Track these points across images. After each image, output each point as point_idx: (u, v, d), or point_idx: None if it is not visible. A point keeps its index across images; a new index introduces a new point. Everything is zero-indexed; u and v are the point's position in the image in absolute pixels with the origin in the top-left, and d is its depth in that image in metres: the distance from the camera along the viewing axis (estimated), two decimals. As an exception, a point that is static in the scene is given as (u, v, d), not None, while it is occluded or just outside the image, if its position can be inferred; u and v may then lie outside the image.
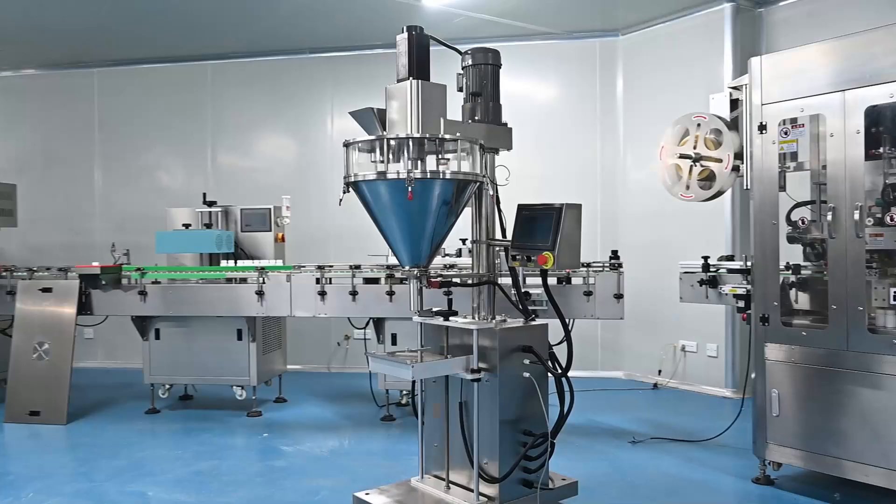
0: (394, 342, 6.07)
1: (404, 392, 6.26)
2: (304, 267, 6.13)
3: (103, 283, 6.30)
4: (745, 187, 4.69)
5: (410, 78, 3.68)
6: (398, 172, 3.53)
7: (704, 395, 7.12)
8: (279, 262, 6.39)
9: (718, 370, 7.07)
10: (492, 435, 3.73)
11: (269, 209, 6.96)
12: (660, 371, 7.45)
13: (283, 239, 7.04)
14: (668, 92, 7.44)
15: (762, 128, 4.41)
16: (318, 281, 5.99)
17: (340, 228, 8.43)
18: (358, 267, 5.99)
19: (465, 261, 6.07)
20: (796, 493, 4.36)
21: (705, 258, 5.18)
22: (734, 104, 5.06)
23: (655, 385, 7.44)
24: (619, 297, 5.64)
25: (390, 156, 3.62)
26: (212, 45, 8.53)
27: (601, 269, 5.69)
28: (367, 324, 6.35)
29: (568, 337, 3.88)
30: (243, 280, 6.20)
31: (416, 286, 3.84)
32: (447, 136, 3.60)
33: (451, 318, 3.87)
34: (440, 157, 3.68)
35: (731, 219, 6.97)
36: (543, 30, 7.80)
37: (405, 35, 3.75)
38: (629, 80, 7.95)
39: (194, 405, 6.84)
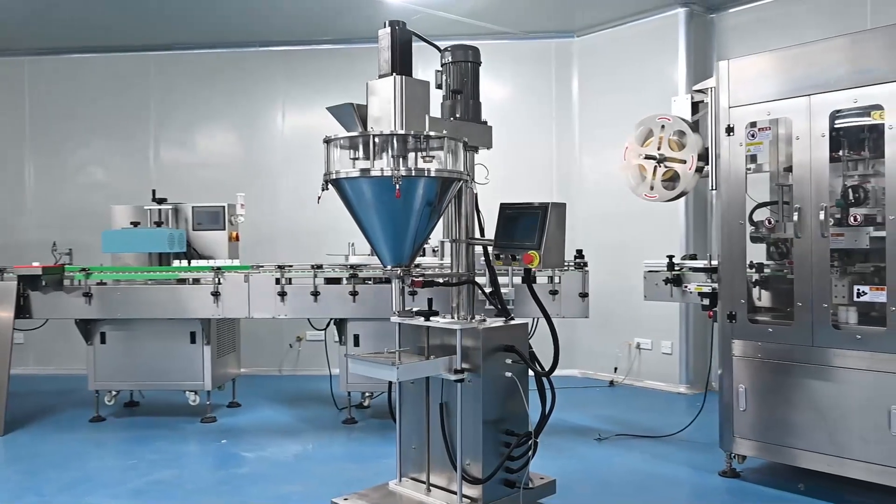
0: (356, 343, 5.95)
1: (366, 394, 6.15)
2: (262, 267, 5.94)
3: (44, 284, 5.95)
4: (710, 188, 4.79)
5: (394, 73, 3.60)
6: (382, 170, 3.45)
7: (659, 391, 7.26)
8: (234, 262, 6.17)
9: (673, 367, 7.23)
10: (475, 436, 3.69)
11: (223, 207, 6.72)
12: (616, 369, 7.57)
13: (237, 238, 6.81)
14: (622, 93, 7.57)
15: (729, 130, 4.52)
16: (277, 281, 5.82)
17: (291, 227, 8.25)
18: (320, 267, 5.84)
19: (429, 260, 6.01)
20: (762, 484, 4.49)
21: (670, 257, 5.27)
22: (695, 107, 5.18)
23: (612, 382, 7.55)
24: (584, 295, 5.68)
25: (373, 153, 3.53)
26: (156, 34, 8.18)
27: (566, 268, 5.72)
28: (328, 325, 6.21)
29: (554, 336, 3.88)
30: (196, 281, 5.97)
31: (399, 286, 3.76)
32: (433, 134, 3.54)
33: (431, 318, 3.81)
34: (426, 154, 3.61)
35: (686, 219, 7.14)
36: (501, 29, 7.81)
37: (388, 30, 3.68)
38: (584, 81, 8.05)
39: (141, 412, 6.55)
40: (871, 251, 4.26)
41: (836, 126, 4.28)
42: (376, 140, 3.51)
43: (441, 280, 3.89)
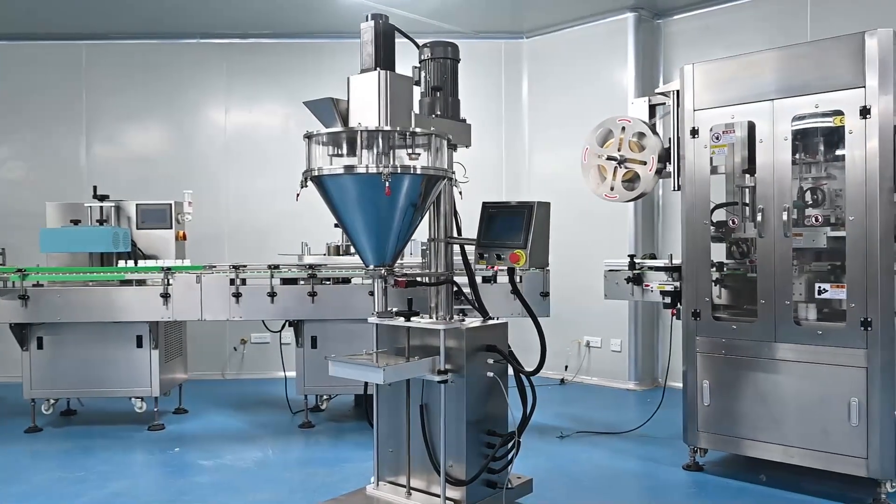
0: (313, 345, 5.80)
1: (324, 397, 6.00)
2: (216, 267, 5.72)
3: (-26, 286, 5.56)
4: (673, 189, 4.91)
5: (378, 68, 3.51)
6: (368, 167, 3.36)
7: (609, 388, 7.40)
8: (183, 262, 5.91)
9: (622, 364, 7.39)
10: (458, 437, 3.65)
11: (170, 205, 6.44)
12: (566, 367, 7.67)
13: (184, 237, 6.54)
14: (572, 95, 7.68)
15: (694, 132, 4.63)
16: (232, 282, 5.61)
17: (236, 226, 8.00)
18: (277, 267, 5.67)
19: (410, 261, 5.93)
20: (725, 476, 4.62)
21: (631, 256, 5.36)
22: (652, 109, 5.31)
23: (562, 380, 7.65)
24: (545, 294, 5.73)
25: (355, 150, 3.44)
26: (88, 22, 7.75)
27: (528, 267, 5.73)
28: (283, 327, 6.04)
29: (541, 335, 3.90)
30: (141, 282, 5.69)
31: (382, 286, 3.68)
32: (419, 131, 3.48)
33: (412, 319, 3.75)
34: (411, 152, 3.54)
35: (635, 220, 7.30)
36: (451, 28, 7.78)
37: (371, 24, 3.60)
38: (534, 82, 8.12)
39: (80, 421, 6.19)
40: (826, 250, 4.45)
41: (796, 130, 4.43)
42: (363, 136, 3.42)
43: (425, 279, 3.82)
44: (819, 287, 4.24)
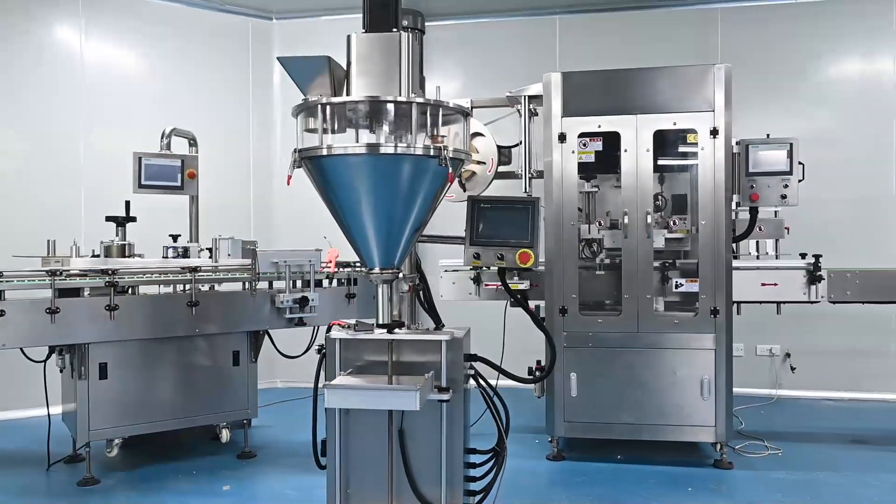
0: (103, 375, 4.43)
1: (115, 442, 4.57)
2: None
3: None
4: (523, 191, 5.09)
5: (398, 29, 2.90)
6: (409, 146, 2.78)
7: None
8: None
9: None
10: (452, 463, 3.22)
11: None
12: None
13: None
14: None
15: (562, 137, 4.86)
16: (-16, 296, 3.96)
17: None
18: (59, 273, 4.18)
19: (197, 261, 4.85)
20: (586, 461, 4.92)
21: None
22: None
23: (330, 389, 7.17)
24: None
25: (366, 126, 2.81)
26: None
27: (360, 269, 5.28)
28: (51, 353, 4.47)
29: (549, 339, 3.66)
30: None
31: (388, 292, 3.03)
32: (452, 105, 2.96)
33: (396, 331, 3.18)
34: (434, 130, 3.00)
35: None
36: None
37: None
38: (288, 70, 7.44)
39: None
40: (666, 251, 5.12)
41: (659, 143, 4.97)
42: (388, 110, 2.79)
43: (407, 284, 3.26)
44: (676, 282, 4.85)
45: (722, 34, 6.92)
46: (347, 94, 2.86)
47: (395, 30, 2.91)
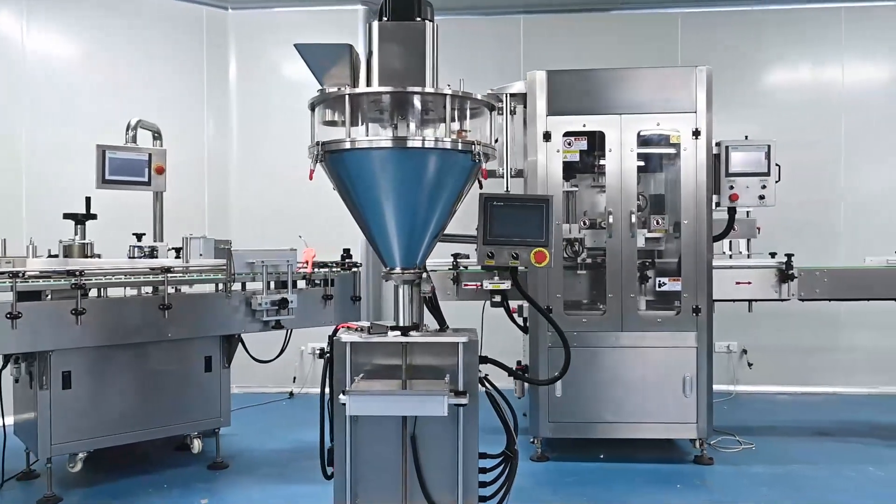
0: (67, 384, 4.11)
1: (79, 456, 4.24)
2: None
3: None
4: (505, 189, 5.01)
5: (422, 18, 2.78)
6: (438, 140, 2.66)
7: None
8: None
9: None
10: (470, 467, 3.12)
11: None
12: (294, 378, 6.96)
13: None
14: (288, 85, 6.97)
15: (547, 136, 4.82)
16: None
17: None
18: (20, 274, 3.84)
19: (167, 261, 4.57)
20: (571, 461, 4.90)
21: (455, 255, 5.25)
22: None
23: (291, 394, 6.93)
24: (356, 299, 5.17)
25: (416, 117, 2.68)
26: None
27: (335, 270, 5.10)
28: (7, 361, 4.10)
29: (566, 345, 3.59)
30: None
31: (409, 294, 2.90)
32: (479, 97, 2.85)
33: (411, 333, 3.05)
34: (462, 122, 2.88)
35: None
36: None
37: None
38: (245, 63, 7.14)
39: None
40: (645, 250, 5.15)
41: (643, 143, 4.99)
42: (413, 102, 2.66)
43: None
44: (659, 280, 4.88)
45: (682, 40, 7.04)
46: (368, 85, 2.71)
47: (418, 18, 2.77)
